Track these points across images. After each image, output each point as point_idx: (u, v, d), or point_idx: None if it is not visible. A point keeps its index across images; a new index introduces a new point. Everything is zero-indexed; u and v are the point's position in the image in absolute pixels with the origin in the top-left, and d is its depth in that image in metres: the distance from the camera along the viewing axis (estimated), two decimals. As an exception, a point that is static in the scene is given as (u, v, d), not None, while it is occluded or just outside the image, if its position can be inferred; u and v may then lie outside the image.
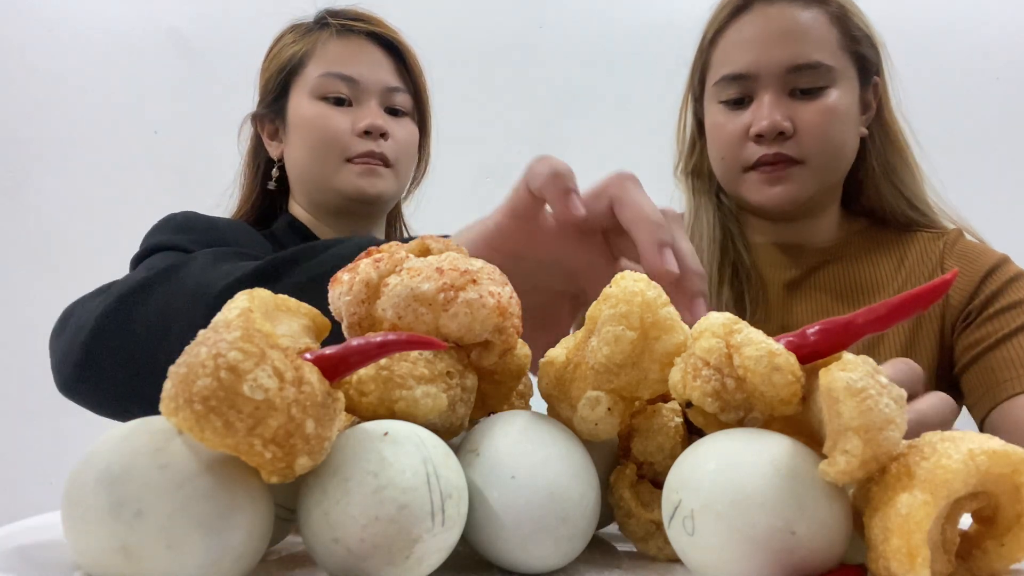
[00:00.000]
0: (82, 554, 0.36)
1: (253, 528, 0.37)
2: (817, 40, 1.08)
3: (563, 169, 0.59)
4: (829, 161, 1.09)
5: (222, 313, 0.37)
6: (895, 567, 0.35)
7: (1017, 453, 0.36)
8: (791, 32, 1.07)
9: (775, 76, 1.07)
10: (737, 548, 0.37)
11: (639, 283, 0.44)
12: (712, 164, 1.17)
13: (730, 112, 1.11)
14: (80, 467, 0.36)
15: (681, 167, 1.25)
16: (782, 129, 1.05)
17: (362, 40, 1.16)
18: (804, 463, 0.38)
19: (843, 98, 1.08)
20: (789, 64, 1.06)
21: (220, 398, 0.33)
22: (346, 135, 1.12)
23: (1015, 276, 1.08)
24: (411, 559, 0.37)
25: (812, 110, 1.06)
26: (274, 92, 1.20)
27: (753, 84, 1.08)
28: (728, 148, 1.11)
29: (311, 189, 1.18)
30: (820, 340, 0.40)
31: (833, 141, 1.08)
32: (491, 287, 0.44)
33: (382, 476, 0.37)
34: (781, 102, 1.07)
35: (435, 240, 0.49)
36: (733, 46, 1.11)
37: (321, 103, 1.14)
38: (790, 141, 1.06)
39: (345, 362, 0.38)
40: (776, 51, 1.07)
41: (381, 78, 1.15)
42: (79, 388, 0.83)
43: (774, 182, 1.07)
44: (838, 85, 1.08)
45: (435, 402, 0.43)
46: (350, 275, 0.45)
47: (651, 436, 0.49)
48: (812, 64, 1.06)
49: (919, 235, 1.16)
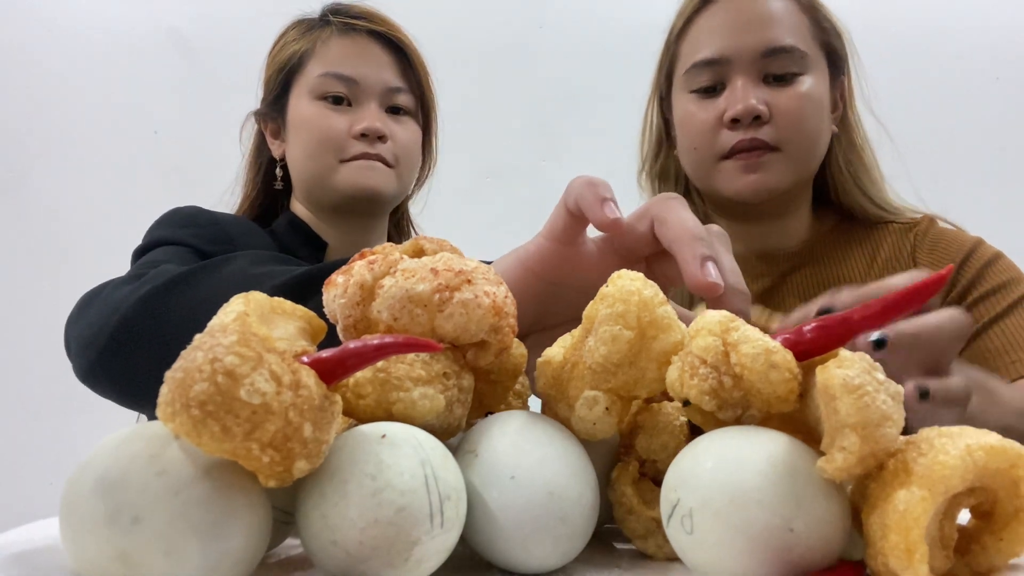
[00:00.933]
0: (80, 561, 0.36)
1: (251, 533, 0.37)
2: (790, 26, 1.06)
3: (599, 181, 0.57)
4: (804, 149, 1.06)
5: (218, 317, 0.37)
6: (893, 564, 0.35)
7: (1015, 448, 0.36)
8: (763, 17, 1.06)
9: (748, 61, 1.04)
10: (736, 546, 0.37)
11: (636, 282, 0.44)
12: (682, 159, 1.14)
13: (702, 100, 1.08)
14: (77, 474, 0.36)
15: (646, 170, 1.22)
16: (758, 113, 1.02)
17: (364, 39, 1.15)
18: (802, 460, 0.38)
19: (816, 86, 1.06)
20: (763, 47, 1.04)
21: (217, 403, 0.33)
22: (342, 136, 1.11)
23: (991, 259, 1.06)
24: (410, 561, 0.37)
25: (787, 96, 1.04)
26: (275, 90, 1.19)
27: (726, 69, 1.06)
28: (701, 137, 1.07)
29: (311, 188, 1.17)
30: (817, 337, 0.40)
31: (808, 128, 1.06)
32: (486, 287, 0.44)
33: (380, 479, 0.37)
34: (756, 87, 1.04)
35: (429, 241, 0.49)
36: (703, 34, 1.09)
37: (320, 103, 1.12)
38: (766, 127, 1.03)
39: (342, 365, 0.38)
40: (749, 35, 1.05)
41: (382, 78, 1.14)
42: (102, 375, 0.81)
43: (751, 169, 1.04)
44: (811, 73, 1.06)
45: (432, 403, 0.43)
46: (344, 277, 0.45)
47: (655, 434, 0.49)
48: (786, 48, 1.04)
49: (890, 227, 1.14)
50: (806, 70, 1.05)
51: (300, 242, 1.18)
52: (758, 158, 1.03)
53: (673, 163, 1.17)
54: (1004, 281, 1.03)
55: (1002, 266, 1.05)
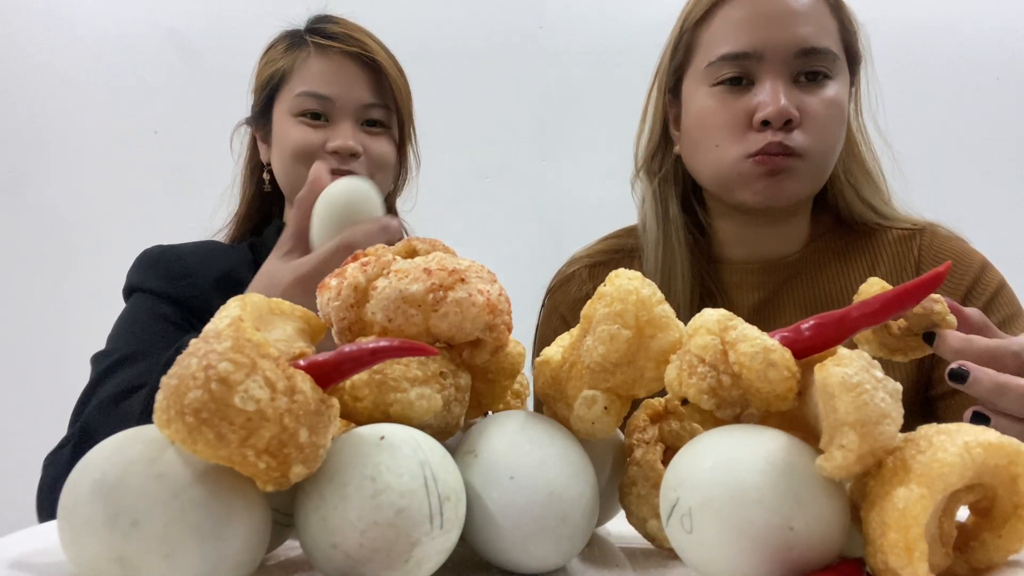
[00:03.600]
0: (79, 564, 0.36)
1: (250, 535, 0.37)
2: (824, 26, 1.00)
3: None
4: (826, 158, 1.01)
5: (212, 322, 0.37)
6: (893, 561, 0.34)
7: (1013, 444, 0.36)
8: (798, 13, 0.98)
9: (782, 58, 0.98)
10: (735, 545, 0.37)
11: (633, 281, 0.44)
12: (694, 157, 1.06)
13: (727, 95, 1.00)
14: (75, 478, 0.36)
15: (643, 168, 1.14)
16: (791, 117, 0.95)
17: (340, 57, 1.17)
18: (801, 459, 0.38)
19: (841, 92, 1.01)
20: (798, 46, 0.97)
21: (212, 410, 0.33)
22: (317, 152, 1.15)
23: (998, 288, 1.02)
24: (410, 562, 0.37)
25: (816, 101, 0.98)
26: (260, 105, 1.22)
27: (755, 65, 0.99)
28: (724, 134, 1.00)
29: (292, 198, 1.20)
30: (815, 335, 0.40)
31: (831, 137, 1.00)
32: (480, 285, 0.44)
33: (379, 481, 0.37)
34: (788, 88, 0.98)
35: (422, 241, 0.49)
36: (732, 24, 1.01)
37: (298, 119, 1.16)
38: (795, 132, 0.97)
39: (338, 369, 0.38)
40: (784, 31, 0.98)
41: (356, 96, 1.16)
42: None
43: (774, 173, 0.97)
44: (838, 77, 1.01)
45: (430, 403, 0.43)
46: (338, 280, 0.45)
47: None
48: (822, 49, 0.98)
49: (889, 234, 1.09)
50: (835, 74, 1.00)
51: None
52: (783, 164, 0.97)
53: (672, 162, 1.11)
54: (1007, 316, 1.01)
55: (1005, 299, 1.01)
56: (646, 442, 0.49)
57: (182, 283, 1.10)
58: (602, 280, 0.46)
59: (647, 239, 1.09)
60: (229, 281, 1.10)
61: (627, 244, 1.15)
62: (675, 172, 1.11)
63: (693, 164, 1.06)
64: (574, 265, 1.15)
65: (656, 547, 0.49)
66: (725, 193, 1.03)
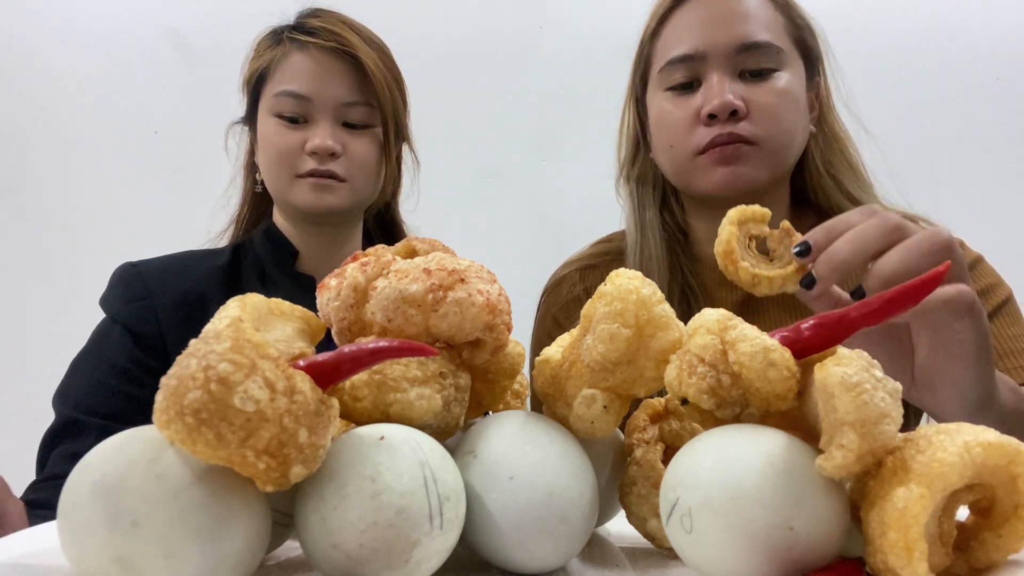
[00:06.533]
0: (79, 565, 0.36)
1: (250, 535, 0.37)
2: (765, 22, 1.04)
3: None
4: (781, 145, 1.04)
5: (212, 323, 0.37)
6: (893, 561, 0.34)
7: (1012, 444, 0.36)
8: (739, 13, 1.04)
9: (724, 56, 1.02)
10: (735, 544, 0.37)
11: (634, 280, 0.44)
12: (659, 159, 1.12)
13: (678, 97, 1.06)
14: (75, 478, 0.36)
15: (623, 174, 1.19)
16: (735, 108, 1.00)
17: (320, 53, 1.14)
18: (801, 458, 0.38)
19: (792, 83, 1.04)
20: (738, 43, 1.02)
21: (211, 411, 0.33)
22: (296, 153, 1.12)
23: (973, 263, 1.04)
24: (410, 563, 0.37)
25: (763, 91, 1.02)
26: (249, 102, 1.21)
27: (701, 66, 1.04)
28: (677, 134, 1.05)
29: (276, 199, 1.20)
30: (814, 335, 0.40)
31: (785, 124, 1.03)
32: (479, 285, 0.44)
33: (379, 481, 0.37)
34: (732, 82, 1.02)
35: (421, 241, 0.49)
36: (678, 31, 1.07)
37: (276, 120, 1.14)
38: (743, 122, 1.01)
39: (338, 369, 0.38)
40: (724, 30, 1.03)
41: (336, 94, 1.13)
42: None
43: (727, 161, 1.01)
44: (786, 69, 1.04)
45: (430, 403, 0.43)
46: (337, 280, 0.45)
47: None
48: (762, 43, 1.02)
49: None
50: (782, 66, 1.04)
51: (271, 251, 1.20)
52: (733, 152, 1.01)
53: (650, 166, 1.15)
54: (984, 287, 1.02)
55: (982, 271, 1.04)
56: (646, 442, 0.49)
57: (134, 306, 1.10)
58: (592, 282, 0.47)
59: (628, 241, 1.13)
60: (189, 299, 1.10)
61: (617, 247, 1.18)
62: (652, 176, 1.16)
63: (660, 166, 1.12)
64: (566, 268, 1.18)
65: (656, 547, 0.49)
66: (689, 189, 1.08)
